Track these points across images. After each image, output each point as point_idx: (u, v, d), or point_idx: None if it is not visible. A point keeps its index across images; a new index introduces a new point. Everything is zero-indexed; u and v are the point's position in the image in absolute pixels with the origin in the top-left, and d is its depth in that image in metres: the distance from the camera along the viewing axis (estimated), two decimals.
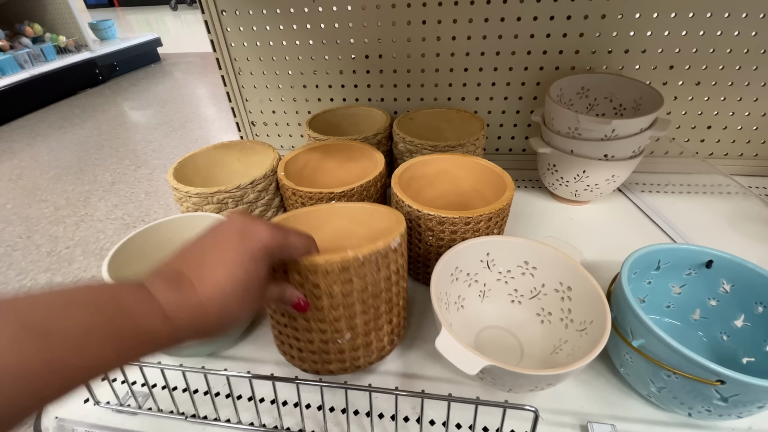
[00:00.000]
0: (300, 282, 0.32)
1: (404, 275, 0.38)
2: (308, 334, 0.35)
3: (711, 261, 0.39)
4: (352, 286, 0.33)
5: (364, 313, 0.35)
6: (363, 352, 0.37)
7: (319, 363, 0.36)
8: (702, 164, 0.68)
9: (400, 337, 0.41)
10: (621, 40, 0.60)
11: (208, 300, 0.23)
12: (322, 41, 0.67)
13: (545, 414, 0.37)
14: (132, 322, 0.20)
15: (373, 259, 0.32)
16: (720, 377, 0.29)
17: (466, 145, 0.58)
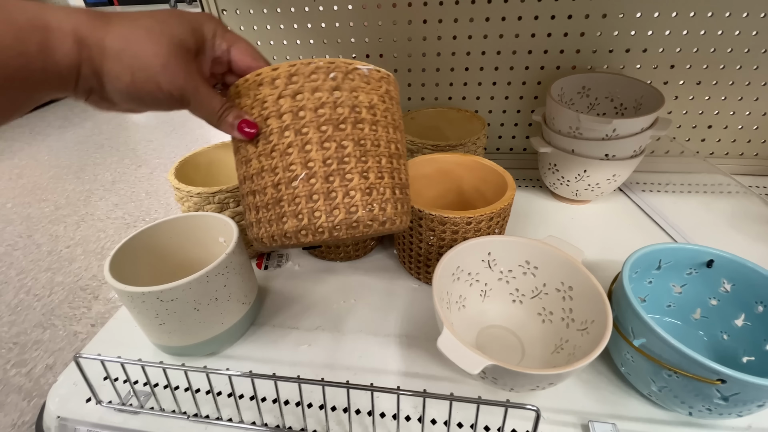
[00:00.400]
0: (249, 105, 0.29)
1: (390, 128, 0.31)
2: (260, 179, 0.30)
3: (712, 260, 0.39)
4: (304, 101, 0.28)
5: (322, 146, 0.28)
6: (324, 204, 0.29)
7: (273, 221, 0.30)
8: (703, 164, 0.68)
9: (386, 213, 0.30)
10: (622, 39, 0.60)
11: (117, 27, 0.23)
12: (323, 41, 0.67)
13: (546, 413, 0.37)
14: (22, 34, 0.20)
15: (331, 73, 0.28)
16: (720, 376, 0.29)
17: (467, 144, 0.58)
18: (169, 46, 0.24)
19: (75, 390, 0.41)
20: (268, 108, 0.28)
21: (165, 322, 0.38)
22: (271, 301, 0.50)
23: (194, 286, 0.36)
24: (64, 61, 0.22)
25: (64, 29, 0.21)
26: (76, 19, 0.22)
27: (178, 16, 0.25)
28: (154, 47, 0.23)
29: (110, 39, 0.23)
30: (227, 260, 0.38)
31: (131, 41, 0.23)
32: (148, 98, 0.25)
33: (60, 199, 1.16)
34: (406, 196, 0.33)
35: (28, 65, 0.20)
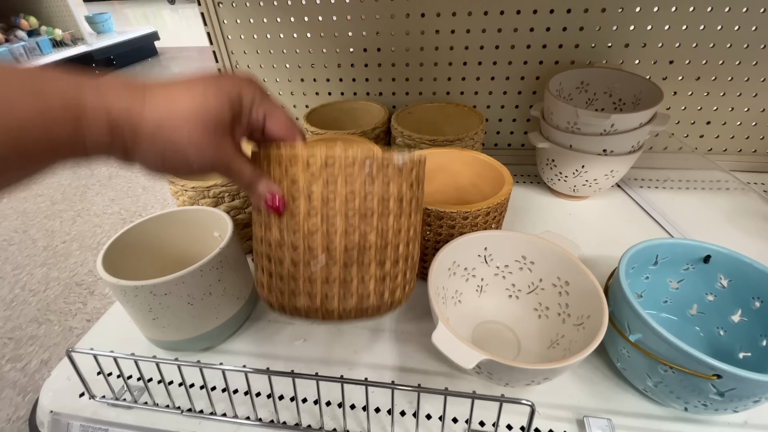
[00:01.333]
0: (279, 177, 0.28)
1: (413, 214, 0.31)
2: (279, 250, 0.29)
3: (709, 256, 0.39)
4: (336, 190, 0.27)
5: (347, 234, 0.28)
6: (338, 290, 0.29)
7: (286, 294, 0.30)
8: (701, 160, 0.67)
9: (394, 298, 0.32)
10: (621, 34, 0.60)
11: (152, 105, 0.22)
12: (320, 34, 0.67)
13: (541, 408, 0.37)
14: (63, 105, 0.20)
15: (367, 165, 0.27)
16: (716, 372, 0.29)
17: (465, 139, 0.57)
18: (205, 126, 0.23)
19: (68, 385, 0.41)
20: (299, 188, 0.27)
21: (158, 316, 0.38)
22: None
23: (188, 280, 0.36)
24: (95, 143, 0.21)
25: (99, 114, 0.21)
26: (112, 98, 0.21)
27: (217, 87, 0.24)
28: (188, 130, 0.23)
29: (145, 124, 0.22)
30: (221, 254, 0.38)
31: (165, 125, 0.22)
32: (178, 172, 0.25)
33: (56, 194, 1.16)
34: (414, 272, 0.33)
35: (54, 146, 0.20)
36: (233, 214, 0.49)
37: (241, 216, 0.51)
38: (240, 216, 0.50)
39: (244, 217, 0.51)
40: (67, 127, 0.20)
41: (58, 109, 0.19)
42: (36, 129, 0.19)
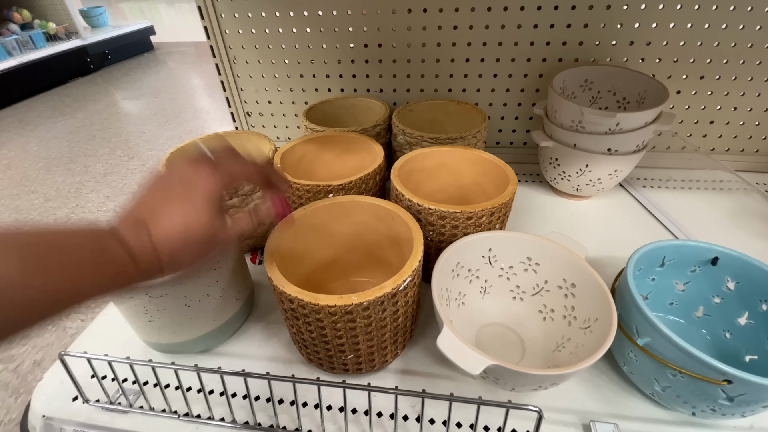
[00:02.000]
0: (304, 314, 0.33)
1: (415, 300, 0.38)
2: (314, 346, 0.36)
3: (716, 258, 0.39)
4: (356, 324, 0.33)
5: (368, 341, 0.35)
6: (366, 365, 0.38)
7: (325, 365, 0.38)
8: (705, 159, 0.67)
9: (404, 348, 0.41)
10: (626, 31, 0.59)
11: (158, 240, 0.26)
12: (319, 29, 0.65)
13: (547, 413, 0.36)
14: (110, 259, 0.24)
15: (379, 302, 0.32)
16: (727, 377, 0.28)
17: (467, 137, 0.56)
18: (200, 238, 0.27)
19: (61, 388, 0.40)
20: (324, 325, 0.33)
21: (154, 318, 0.37)
22: (265, 297, 0.49)
23: (185, 281, 0.35)
24: (127, 280, 0.25)
25: (129, 264, 0.24)
26: (138, 252, 0.25)
27: (196, 209, 0.27)
28: (191, 248, 0.27)
29: (163, 254, 0.26)
30: (218, 256, 0.37)
31: (175, 253, 0.26)
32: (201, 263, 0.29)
33: (50, 191, 1.14)
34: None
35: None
36: (232, 212, 0.48)
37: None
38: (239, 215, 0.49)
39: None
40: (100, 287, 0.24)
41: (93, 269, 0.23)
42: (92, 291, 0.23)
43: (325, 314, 0.32)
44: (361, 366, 0.38)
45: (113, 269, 0.24)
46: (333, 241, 0.45)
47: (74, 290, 0.22)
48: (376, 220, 0.43)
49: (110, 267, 0.24)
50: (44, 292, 0.21)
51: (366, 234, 0.45)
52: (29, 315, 0.21)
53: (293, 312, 0.33)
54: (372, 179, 0.49)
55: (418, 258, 0.35)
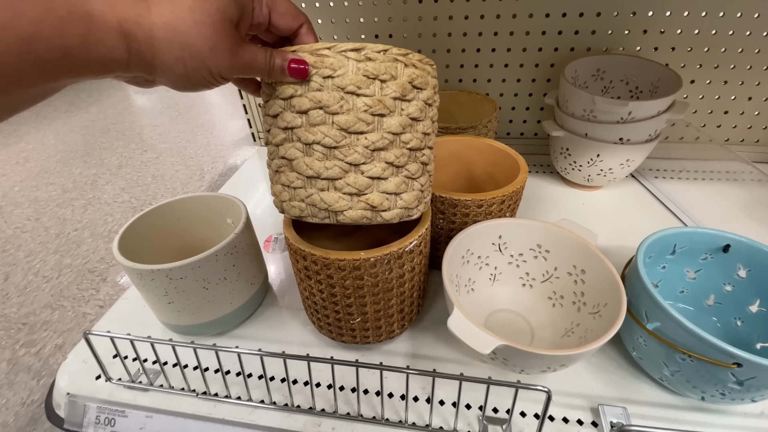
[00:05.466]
0: (316, 270, 0.33)
1: (422, 270, 0.38)
2: (324, 309, 0.37)
3: (728, 245, 0.38)
4: (363, 282, 0.33)
5: (375, 304, 0.36)
6: (372, 333, 0.39)
7: (334, 333, 0.39)
8: (720, 150, 0.66)
9: (411, 322, 0.42)
10: (639, 20, 0.58)
11: (156, 4, 0.21)
12: (331, 20, 0.66)
13: (556, 396, 0.37)
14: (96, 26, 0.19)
15: (385, 261, 0.33)
16: (737, 360, 0.29)
17: (478, 127, 0.56)
18: (214, 25, 0.23)
19: (85, 367, 0.41)
20: (334, 280, 0.34)
21: (174, 300, 0.38)
22: (279, 283, 0.50)
23: (203, 264, 0.36)
24: (111, 55, 0.21)
25: (109, 21, 0.20)
26: (118, 6, 0.20)
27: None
28: (201, 30, 0.22)
29: (158, 29, 0.21)
30: (236, 240, 0.38)
31: (178, 28, 0.22)
32: (200, 84, 0.24)
33: (67, 183, 1.17)
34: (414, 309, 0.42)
35: (68, 57, 0.19)
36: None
37: None
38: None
39: None
40: (78, 36, 0.19)
41: (65, 16, 0.19)
42: (46, 38, 0.18)
43: (335, 269, 0.32)
44: (368, 333, 0.38)
45: (84, 18, 0.19)
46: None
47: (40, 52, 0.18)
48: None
49: (95, 36, 0.19)
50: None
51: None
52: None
53: (306, 270, 0.34)
54: None
55: (425, 226, 0.35)
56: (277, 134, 0.30)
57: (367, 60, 0.27)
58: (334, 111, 0.27)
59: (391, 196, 0.31)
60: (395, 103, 0.28)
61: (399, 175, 0.31)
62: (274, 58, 0.26)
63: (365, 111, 0.28)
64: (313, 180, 0.29)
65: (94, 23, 0.20)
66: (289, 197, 0.31)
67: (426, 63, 0.30)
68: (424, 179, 0.33)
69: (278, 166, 0.31)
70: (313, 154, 0.29)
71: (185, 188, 1.11)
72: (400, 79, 0.28)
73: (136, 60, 0.22)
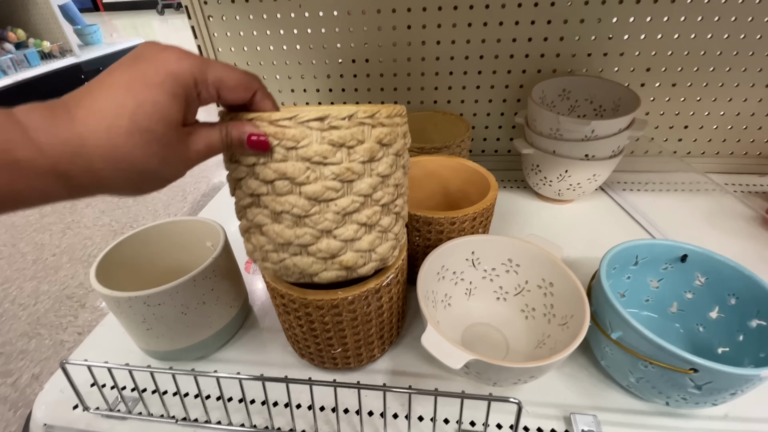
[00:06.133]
0: (294, 308, 0.34)
1: (400, 297, 0.40)
2: (305, 341, 0.38)
3: (686, 255, 0.41)
4: (342, 317, 0.34)
5: (355, 335, 0.37)
6: (354, 360, 0.40)
7: (316, 360, 0.40)
8: (679, 163, 0.70)
9: (392, 344, 0.43)
10: (599, 43, 0.62)
11: (89, 131, 0.19)
12: (309, 46, 0.68)
13: (530, 407, 0.38)
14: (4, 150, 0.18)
15: (363, 297, 0.34)
16: (693, 366, 0.30)
17: (452, 147, 0.59)
18: (159, 140, 0.21)
19: (62, 397, 0.41)
20: (313, 318, 0.34)
21: (152, 326, 0.38)
22: (260, 305, 0.50)
23: (181, 290, 0.37)
24: (49, 195, 0.20)
25: (40, 167, 0.18)
26: (50, 148, 0.19)
27: (149, 86, 0.20)
28: (145, 150, 0.20)
29: (98, 161, 0.20)
30: (214, 264, 0.39)
31: (120, 155, 0.20)
32: (157, 189, 0.23)
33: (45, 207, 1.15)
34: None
35: (3, 200, 0.18)
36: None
37: None
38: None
39: None
40: (6, 185, 0.18)
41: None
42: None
43: (313, 308, 0.34)
44: (350, 360, 0.39)
45: (10, 167, 0.18)
46: None
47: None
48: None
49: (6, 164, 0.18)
50: None
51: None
52: None
53: (285, 307, 0.35)
54: None
55: (401, 258, 0.37)
56: (242, 197, 0.29)
57: (332, 129, 0.26)
58: (301, 182, 0.26)
59: (366, 252, 0.31)
60: (364, 167, 0.28)
61: (372, 232, 0.30)
62: (230, 133, 0.25)
63: (333, 179, 0.27)
64: (285, 246, 0.29)
65: (22, 171, 0.18)
66: (261, 258, 0.31)
67: (395, 115, 0.29)
68: (398, 227, 0.33)
69: (247, 228, 0.31)
70: (283, 221, 0.28)
71: (167, 210, 1.11)
72: (367, 143, 0.27)
73: (79, 192, 0.21)
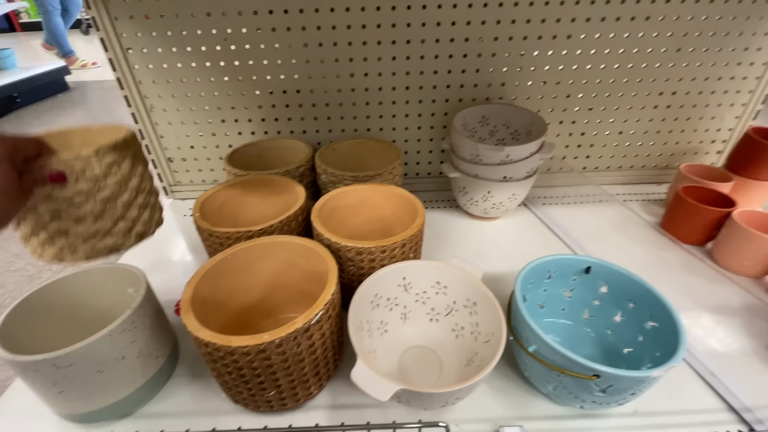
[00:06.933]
0: (220, 356, 0.34)
1: (333, 331, 0.40)
2: (236, 387, 0.37)
3: (589, 267, 0.45)
4: (272, 361, 0.34)
5: (288, 376, 0.37)
6: (290, 400, 0.39)
7: (250, 405, 0.39)
8: (582, 178, 0.78)
9: (330, 378, 0.43)
10: (511, 74, 0.68)
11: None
12: (238, 77, 0.68)
13: (464, 425, 0.40)
14: None
15: (292, 338, 0.34)
16: (595, 372, 0.34)
17: (384, 174, 0.61)
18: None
19: None
20: (241, 365, 0.34)
21: (65, 389, 0.35)
22: (192, 350, 0.48)
23: (96, 347, 0.34)
24: None
25: None
26: None
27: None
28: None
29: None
30: (133, 315, 0.37)
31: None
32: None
33: None
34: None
35: None
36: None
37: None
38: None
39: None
40: None
41: None
42: None
43: (239, 355, 0.33)
44: (286, 401, 0.39)
45: None
46: (259, 281, 0.47)
47: None
48: (299, 258, 0.46)
49: None
50: None
51: (291, 271, 0.47)
52: None
53: (211, 356, 0.34)
54: (294, 220, 0.52)
55: (330, 292, 0.37)
56: (41, 215, 0.33)
57: (105, 156, 0.33)
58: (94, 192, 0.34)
59: (139, 220, 0.37)
60: (129, 173, 0.35)
61: (142, 211, 0.37)
62: (37, 178, 0.31)
63: (114, 185, 0.34)
64: (93, 235, 0.35)
65: None
66: (71, 252, 0.35)
67: (121, 147, 0.34)
68: (148, 210, 0.38)
69: (50, 236, 0.34)
70: (86, 221, 0.34)
71: None
72: (125, 162, 0.35)
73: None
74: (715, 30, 0.66)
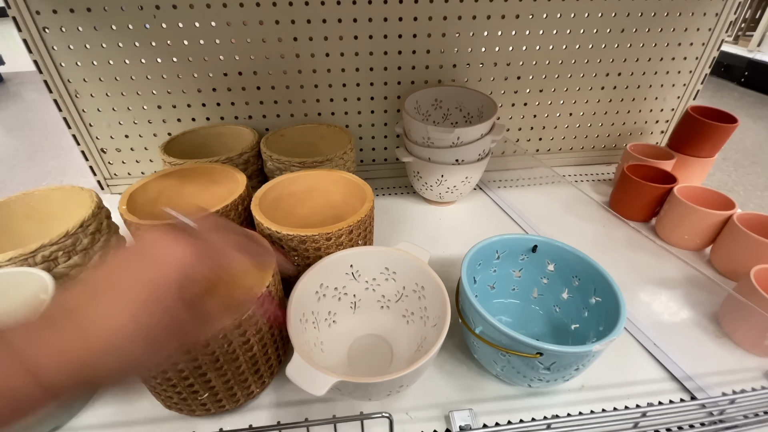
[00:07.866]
0: None
1: (273, 325, 0.38)
2: (165, 392, 0.34)
3: (536, 246, 0.45)
4: (199, 362, 0.32)
5: (222, 376, 0.34)
6: (227, 401, 0.37)
7: (185, 410, 0.37)
8: (532, 160, 0.79)
9: (273, 375, 0.41)
10: (461, 56, 0.67)
11: (99, 350, 0.19)
12: (172, 59, 0.63)
13: (413, 412, 0.39)
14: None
15: (221, 335, 0.31)
16: (538, 350, 0.33)
17: (335, 159, 0.58)
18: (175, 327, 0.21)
19: None
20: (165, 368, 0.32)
21: None
22: None
23: None
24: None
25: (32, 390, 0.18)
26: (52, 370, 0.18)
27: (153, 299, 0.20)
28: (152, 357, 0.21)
29: (107, 374, 0.19)
30: None
31: (127, 368, 0.20)
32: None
33: None
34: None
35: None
36: (75, 273, 0.43)
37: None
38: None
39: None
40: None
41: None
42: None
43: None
44: (223, 403, 0.36)
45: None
46: None
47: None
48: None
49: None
50: None
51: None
52: None
53: None
54: (233, 210, 0.49)
55: (264, 285, 0.35)
56: None
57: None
58: None
59: None
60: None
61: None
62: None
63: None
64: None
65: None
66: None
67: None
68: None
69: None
70: None
71: None
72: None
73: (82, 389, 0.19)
74: (656, 10, 0.67)
